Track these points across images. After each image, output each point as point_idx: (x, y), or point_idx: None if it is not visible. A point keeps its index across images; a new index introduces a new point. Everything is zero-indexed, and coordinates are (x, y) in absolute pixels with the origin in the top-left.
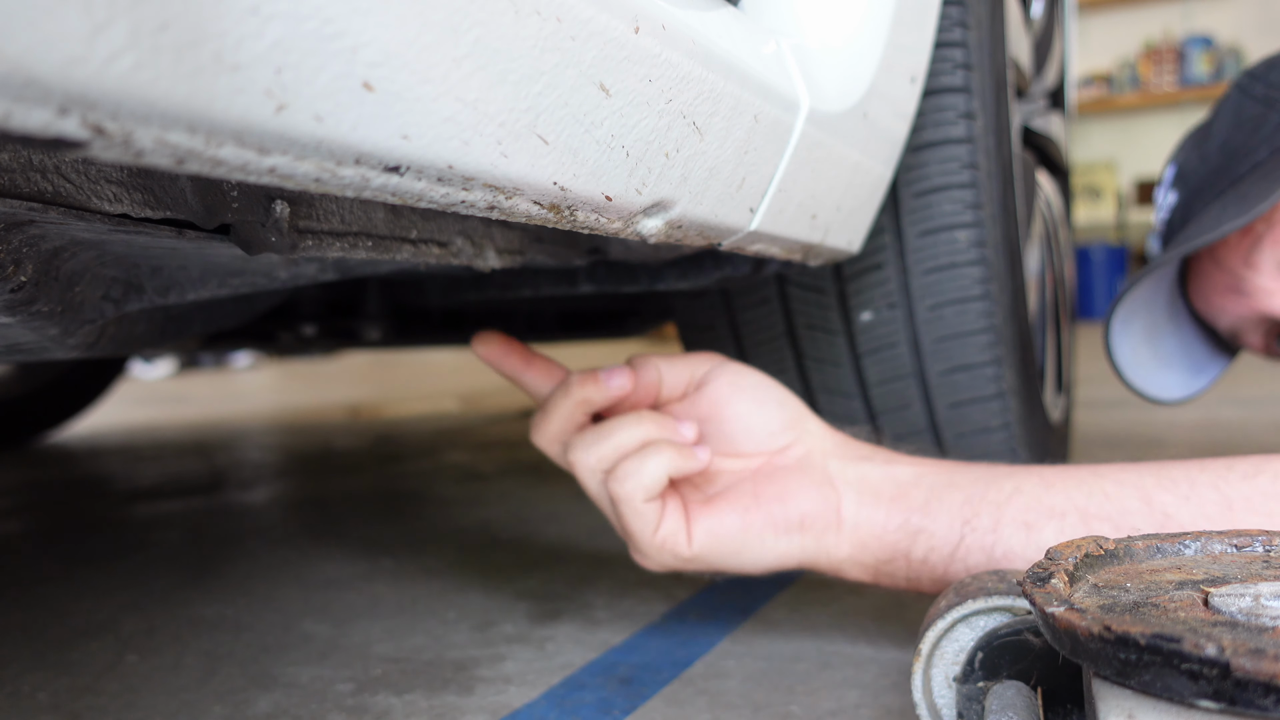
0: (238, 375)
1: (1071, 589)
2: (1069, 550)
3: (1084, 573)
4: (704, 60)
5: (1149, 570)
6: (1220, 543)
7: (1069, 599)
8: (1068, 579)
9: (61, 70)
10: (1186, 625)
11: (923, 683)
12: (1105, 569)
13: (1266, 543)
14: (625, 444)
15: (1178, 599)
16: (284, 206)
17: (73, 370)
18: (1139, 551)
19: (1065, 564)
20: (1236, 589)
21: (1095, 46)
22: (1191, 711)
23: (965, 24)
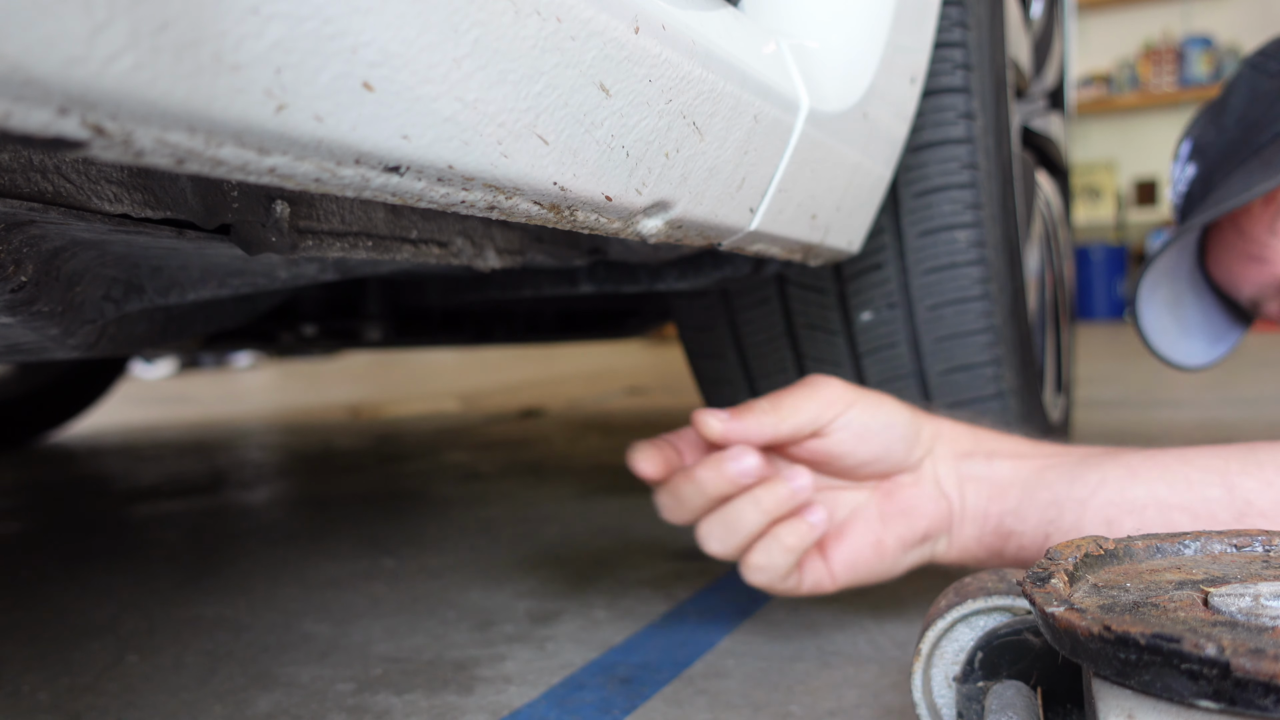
0: (238, 375)
1: (1071, 589)
2: (1069, 550)
3: (1084, 573)
4: (704, 60)
5: (1149, 570)
6: (1220, 542)
7: (1068, 599)
8: (1067, 579)
9: (61, 70)
10: (1186, 625)
11: (922, 682)
12: (1105, 569)
13: (1266, 542)
14: (751, 530)
15: (1178, 599)
16: (284, 206)
17: (73, 370)
18: (1139, 551)
19: (1065, 564)
20: (1236, 589)
21: (1095, 46)
22: (1192, 711)
23: (965, 24)
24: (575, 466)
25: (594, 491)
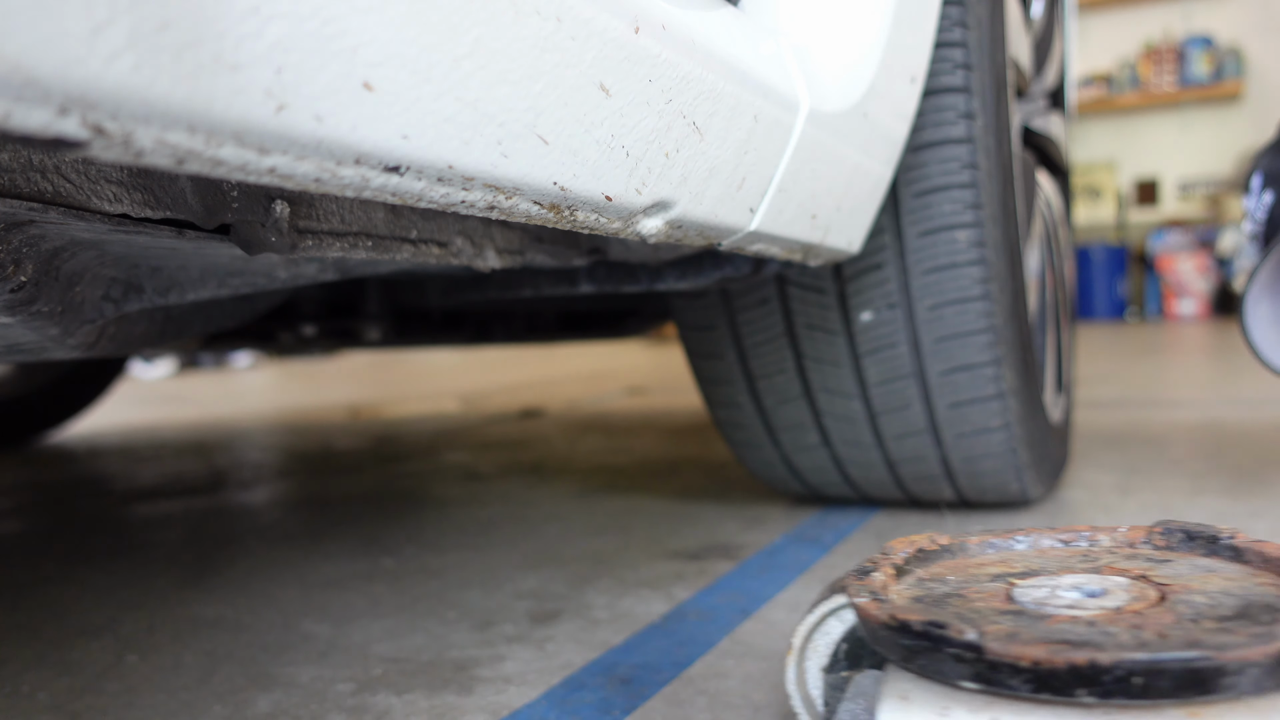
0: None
1: (898, 582)
2: (902, 545)
3: (914, 566)
4: (704, 60)
5: (976, 564)
6: (1050, 538)
7: (877, 590)
8: (895, 572)
9: (61, 70)
10: (971, 613)
11: (796, 674)
12: (937, 563)
13: (1090, 538)
14: None
15: (986, 590)
16: (284, 206)
17: (73, 370)
18: (972, 547)
19: (895, 558)
20: (1040, 580)
21: (1095, 46)
22: (957, 692)
23: (965, 24)
24: (575, 466)
25: (594, 491)
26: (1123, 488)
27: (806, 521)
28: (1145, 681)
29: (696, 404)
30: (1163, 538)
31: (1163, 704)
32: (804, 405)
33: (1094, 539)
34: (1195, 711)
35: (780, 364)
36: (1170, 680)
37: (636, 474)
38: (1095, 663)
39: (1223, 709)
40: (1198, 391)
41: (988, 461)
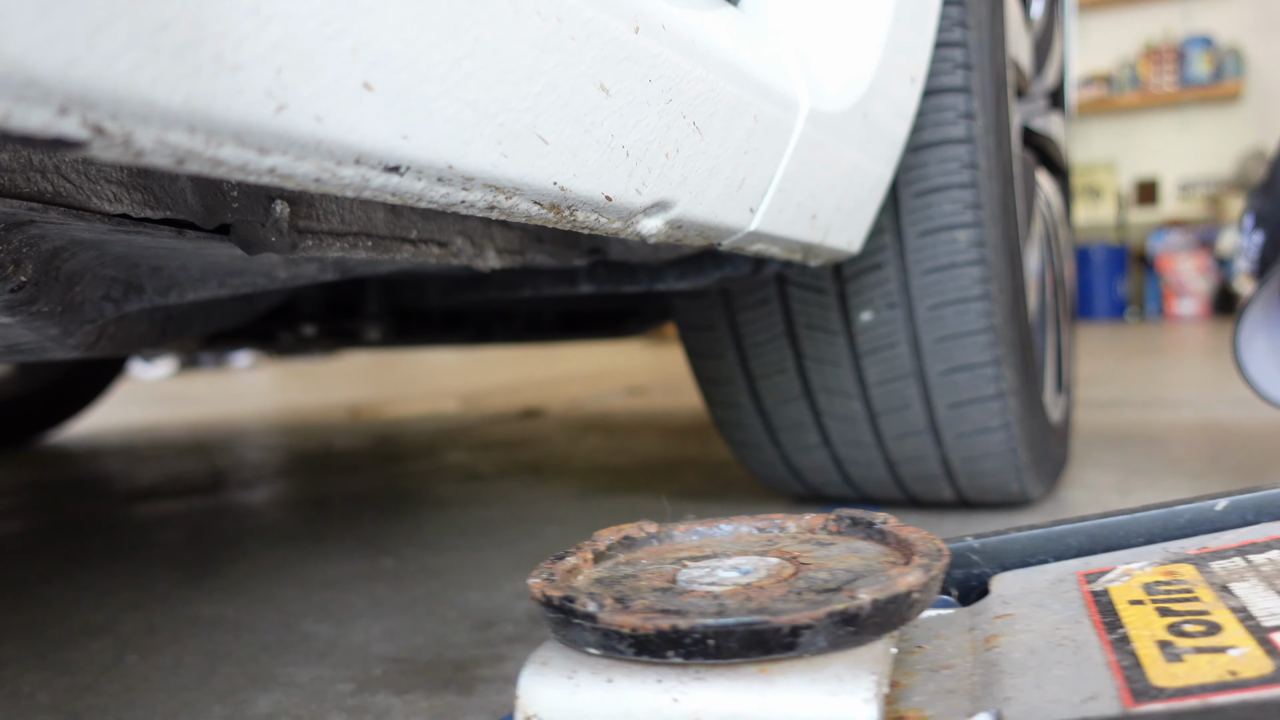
0: (238, 375)
1: (594, 565)
2: (609, 533)
3: (618, 552)
4: (704, 60)
5: (673, 549)
6: (749, 525)
7: (555, 572)
8: (593, 557)
9: (61, 70)
10: (629, 591)
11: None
12: (642, 549)
13: (781, 524)
14: None
15: (660, 571)
16: (284, 206)
17: (73, 370)
18: (678, 534)
19: (599, 545)
20: (711, 563)
21: (1095, 46)
22: (586, 657)
23: (965, 24)
24: (575, 466)
25: (594, 491)
26: (1123, 488)
27: None
28: (717, 643)
29: (696, 404)
30: (835, 524)
31: (736, 662)
32: (804, 405)
33: (784, 526)
34: (764, 668)
35: (780, 364)
36: (737, 641)
37: (637, 474)
38: (676, 627)
39: (786, 665)
40: (1198, 391)
41: (988, 461)
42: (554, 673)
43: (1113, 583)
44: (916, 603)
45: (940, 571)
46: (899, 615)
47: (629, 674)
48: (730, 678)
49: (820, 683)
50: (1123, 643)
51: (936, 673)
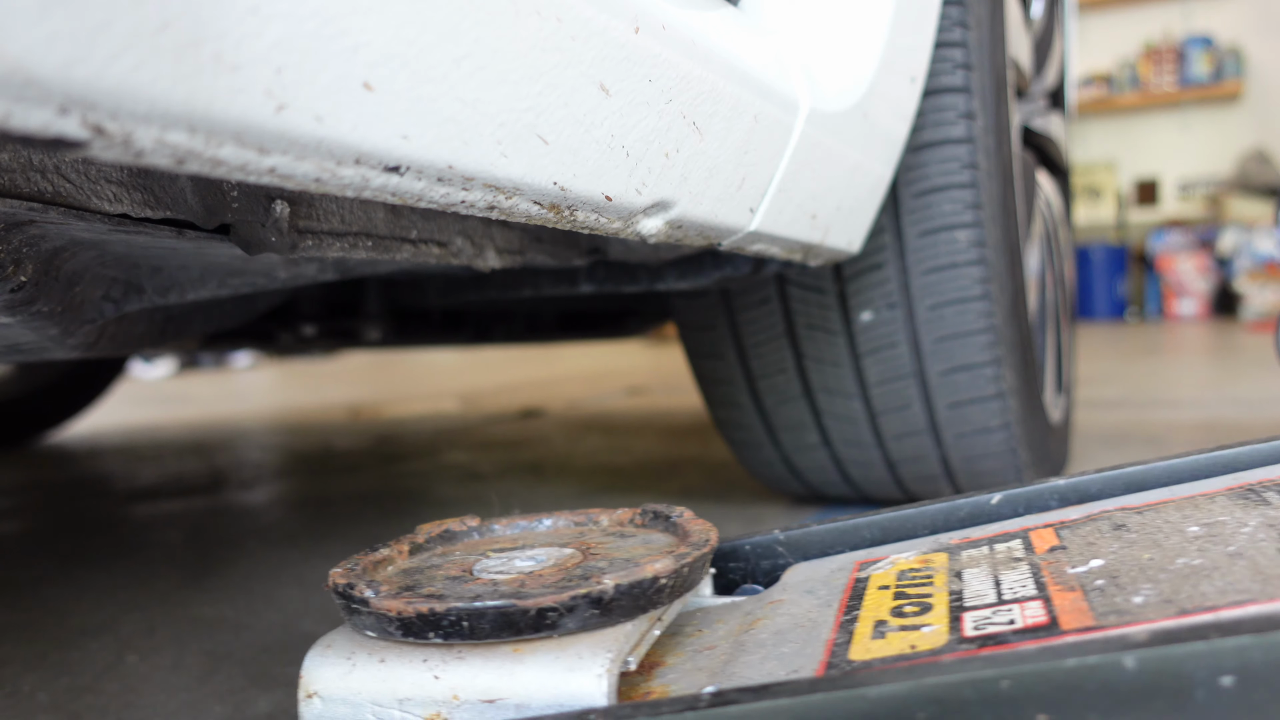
0: (238, 375)
1: (409, 558)
2: (430, 527)
3: (435, 545)
4: (704, 60)
5: (489, 543)
6: (567, 519)
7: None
8: (409, 549)
9: (61, 70)
10: (425, 580)
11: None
12: (460, 543)
13: (596, 518)
14: None
15: (464, 562)
16: (284, 206)
17: (73, 370)
18: (499, 529)
19: (418, 537)
20: (509, 554)
21: (1095, 46)
22: (367, 640)
23: (965, 24)
24: (575, 466)
25: (594, 491)
26: None
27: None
28: (470, 624)
29: (696, 404)
30: (640, 518)
31: (493, 642)
32: (804, 405)
33: (598, 520)
34: (518, 648)
35: (780, 364)
36: (489, 623)
37: (637, 474)
38: (434, 610)
39: (539, 645)
40: (1198, 392)
41: (988, 461)
42: (335, 654)
43: (876, 570)
44: (665, 588)
45: (699, 559)
46: (647, 599)
47: (400, 654)
48: (486, 656)
49: (562, 660)
50: (850, 623)
51: (699, 653)
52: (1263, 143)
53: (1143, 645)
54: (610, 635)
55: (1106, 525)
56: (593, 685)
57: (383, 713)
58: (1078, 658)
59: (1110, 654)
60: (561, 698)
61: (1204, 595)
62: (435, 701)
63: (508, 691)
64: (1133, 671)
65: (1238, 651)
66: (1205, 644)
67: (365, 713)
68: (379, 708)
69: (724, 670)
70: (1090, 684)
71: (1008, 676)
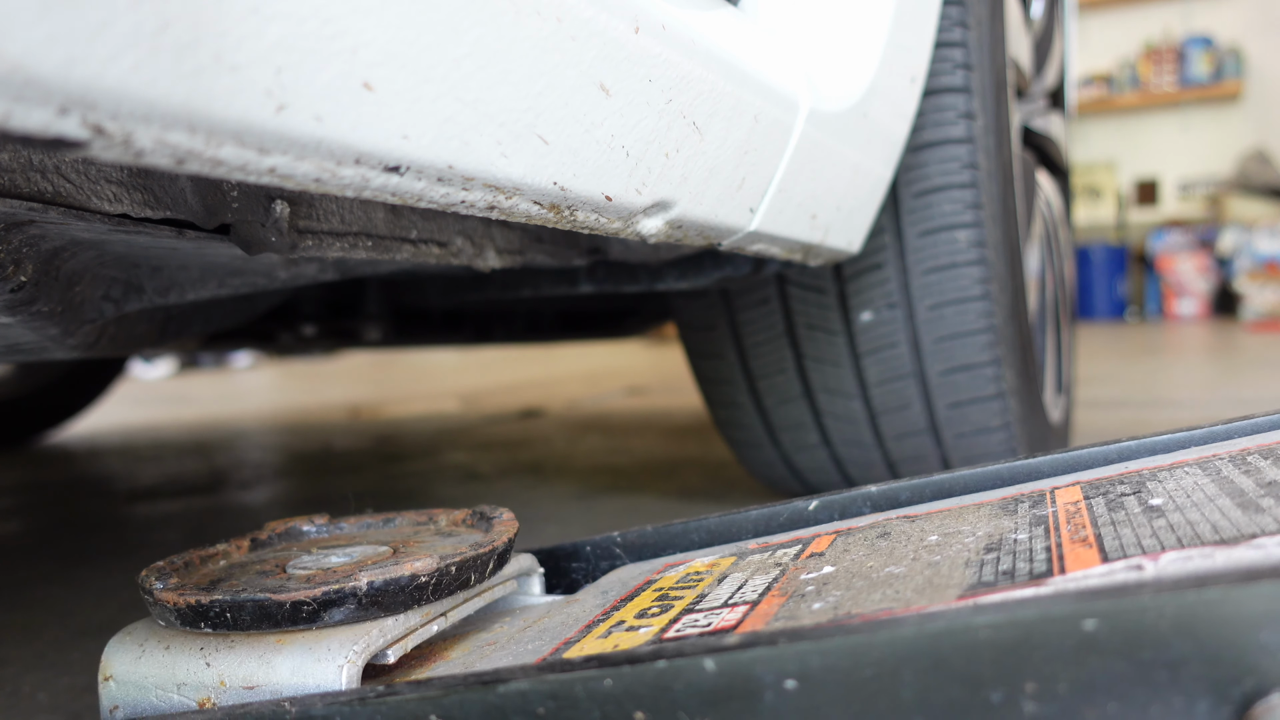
0: (238, 375)
1: (248, 553)
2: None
3: (278, 541)
4: (704, 60)
5: (328, 540)
6: (410, 518)
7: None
8: (249, 545)
9: (61, 70)
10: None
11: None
12: (305, 540)
13: (436, 518)
14: None
15: (285, 558)
16: (284, 206)
17: (73, 370)
18: (344, 527)
19: (262, 534)
20: (326, 552)
21: (1095, 46)
22: (162, 629)
23: (965, 24)
24: (575, 466)
25: (594, 491)
26: None
27: None
28: (233, 615)
29: (696, 404)
30: (471, 518)
31: (259, 632)
32: (804, 405)
33: (437, 520)
34: (281, 639)
35: (780, 364)
36: (249, 614)
37: (637, 474)
38: (200, 602)
39: (297, 636)
40: (1198, 392)
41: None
42: (131, 641)
43: (670, 573)
44: (427, 585)
45: (468, 559)
46: (407, 595)
47: (182, 643)
48: (252, 646)
49: (313, 651)
50: (597, 623)
51: (478, 648)
52: (1263, 143)
53: (729, 650)
54: (365, 629)
55: (874, 533)
56: (334, 675)
57: (164, 695)
58: (667, 660)
59: (695, 657)
60: (308, 687)
61: (866, 602)
62: (206, 687)
63: (265, 680)
64: (712, 674)
65: (798, 657)
66: (772, 649)
67: (151, 695)
68: (161, 691)
69: (475, 664)
70: (678, 684)
71: (611, 676)
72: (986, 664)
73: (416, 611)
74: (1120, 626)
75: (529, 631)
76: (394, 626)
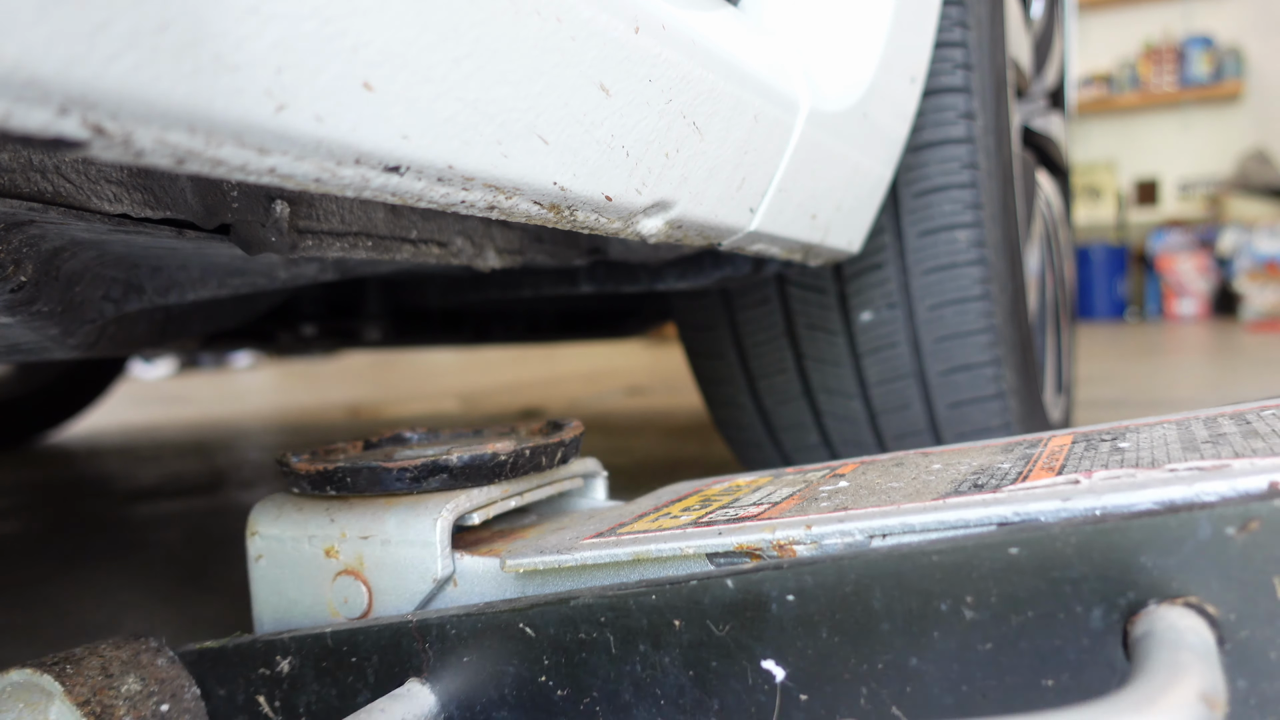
0: (238, 375)
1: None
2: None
3: (387, 445)
4: (704, 60)
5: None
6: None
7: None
8: (363, 445)
9: (61, 70)
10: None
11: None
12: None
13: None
14: None
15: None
16: (284, 206)
17: (73, 370)
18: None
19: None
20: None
21: (1095, 46)
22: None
23: (965, 24)
24: None
25: None
26: None
27: None
28: (353, 480)
29: (696, 404)
30: (545, 428)
31: (370, 495)
32: (804, 405)
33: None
34: (390, 501)
35: (780, 364)
36: (364, 480)
37: (636, 474)
38: (327, 469)
39: (404, 499)
40: (1198, 392)
41: None
42: (271, 505)
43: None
44: (505, 463)
45: (540, 446)
46: (489, 470)
47: (313, 504)
48: (366, 505)
49: (415, 509)
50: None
51: (553, 531)
52: (1263, 143)
53: (745, 572)
54: (455, 495)
55: (892, 463)
56: (429, 527)
57: (297, 545)
58: (698, 580)
59: (720, 578)
60: (410, 535)
61: (862, 503)
62: (331, 537)
63: (376, 531)
64: (732, 590)
65: (796, 576)
66: (778, 572)
67: (286, 545)
68: (295, 541)
69: (539, 544)
70: (706, 599)
71: (655, 592)
72: (936, 581)
73: (498, 486)
74: (1037, 552)
75: (591, 521)
76: (479, 495)
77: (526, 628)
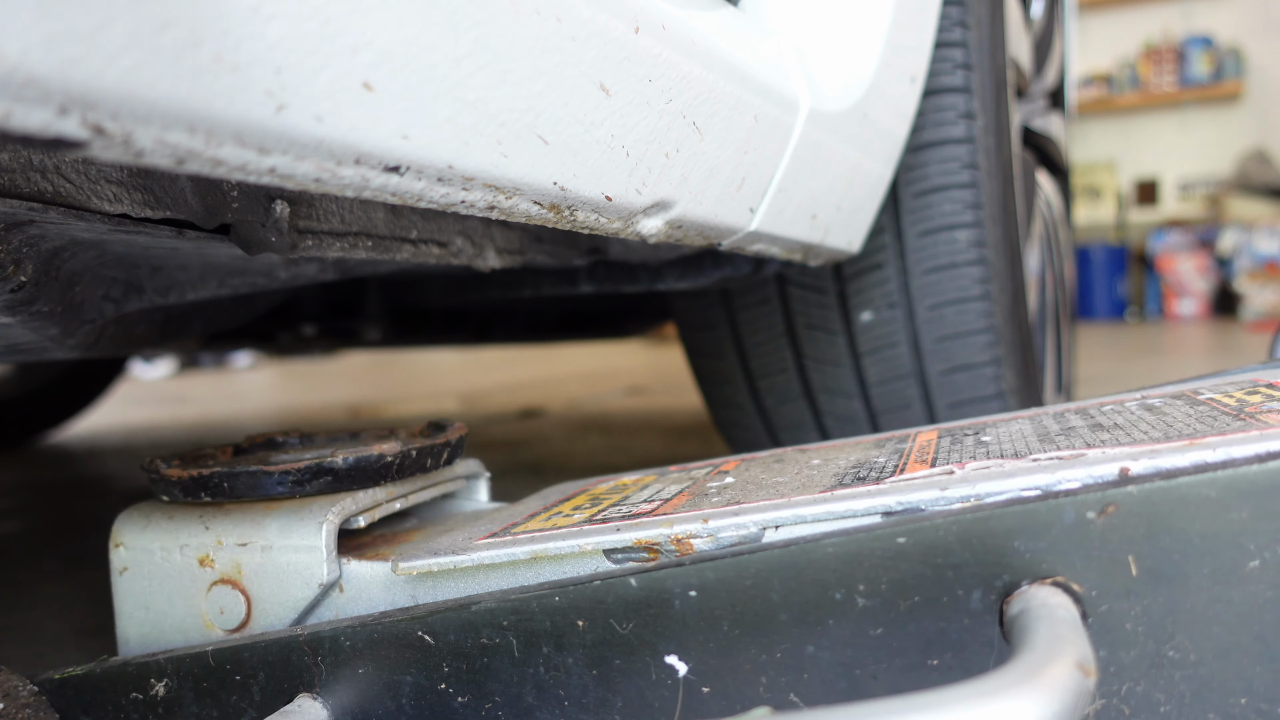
0: (238, 375)
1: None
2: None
3: (258, 449)
4: (704, 60)
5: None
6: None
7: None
8: (232, 451)
9: (61, 70)
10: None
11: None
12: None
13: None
14: None
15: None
16: (284, 206)
17: (73, 370)
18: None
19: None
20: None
21: (1095, 46)
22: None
23: (965, 24)
24: (575, 466)
25: None
26: None
27: None
28: (229, 485)
29: (696, 404)
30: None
31: (248, 500)
32: (804, 405)
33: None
34: (269, 506)
35: (780, 364)
36: (242, 484)
37: None
38: (200, 474)
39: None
40: None
41: None
42: (138, 514)
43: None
44: (391, 464)
45: (426, 447)
46: (375, 472)
47: (185, 512)
48: (244, 511)
49: (299, 513)
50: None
51: (439, 533)
52: (1263, 143)
53: (647, 570)
54: (340, 498)
55: (772, 459)
56: (314, 532)
57: (168, 556)
58: (601, 580)
59: (623, 578)
60: (293, 540)
61: (753, 496)
62: (205, 546)
63: (256, 538)
64: (635, 589)
65: (698, 572)
66: (679, 569)
67: (156, 556)
68: (165, 552)
69: (430, 547)
70: (609, 598)
71: (559, 594)
72: (830, 571)
73: (383, 488)
74: (922, 541)
75: (480, 522)
76: (364, 498)
77: (425, 635)
